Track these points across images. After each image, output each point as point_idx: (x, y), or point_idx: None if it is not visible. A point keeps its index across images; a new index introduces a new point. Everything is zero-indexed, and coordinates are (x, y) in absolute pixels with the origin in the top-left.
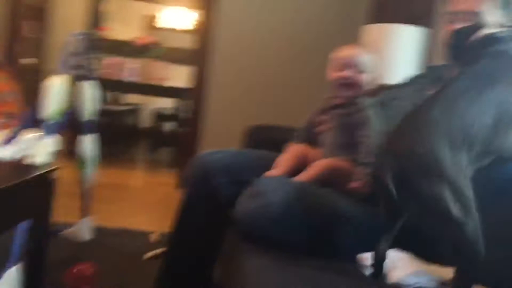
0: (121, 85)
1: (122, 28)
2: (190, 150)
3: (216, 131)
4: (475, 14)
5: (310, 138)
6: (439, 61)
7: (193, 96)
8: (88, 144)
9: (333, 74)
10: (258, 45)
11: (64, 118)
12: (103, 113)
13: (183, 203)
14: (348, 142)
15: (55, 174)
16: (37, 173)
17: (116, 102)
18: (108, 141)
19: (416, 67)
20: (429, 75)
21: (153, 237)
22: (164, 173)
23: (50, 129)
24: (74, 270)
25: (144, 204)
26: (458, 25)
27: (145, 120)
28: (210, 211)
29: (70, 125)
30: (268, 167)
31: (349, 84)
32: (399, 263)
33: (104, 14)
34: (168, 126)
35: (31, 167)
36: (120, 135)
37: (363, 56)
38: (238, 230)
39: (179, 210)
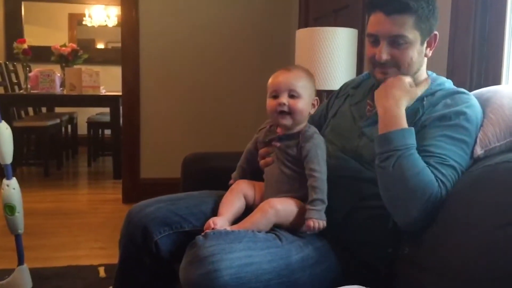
0: (52, 99)
1: (47, 31)
2: (131, 158)
3: (154, 136)
4: (395, 36)
5: (254, 171)
6: None
7: (126, 101)
8: (14, 188)
9: (269, 102)
10: (185, 43)
11: None
12: (37, 129)
13: (122, 266)
14: (295, 177)
15: None
16: None
17: (50, 112)
18: (46, 157)
19: (352, 70)
20: (362, 84)
21: (101, 272)
22: (108, 186)
23: None
24: None
25: (88, 229)
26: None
27: (82, 129)
28: (152, 269)
29: None
30: (210, 211)
31: (286, 112)
32: None
33: (25, 20)
34: (106, 133)
35: None
36: (58, 149)
37: (298, 79)
38: None
39: (117, 273)
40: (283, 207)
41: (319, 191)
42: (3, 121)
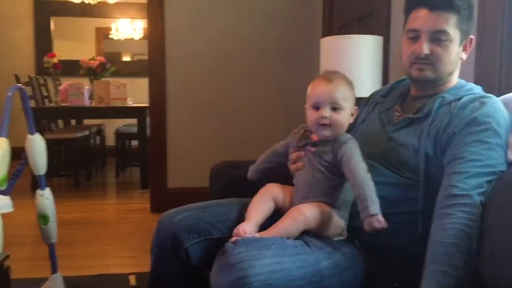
0: (81, 111)
1: (75, 45)
2: (158, 168)
3: (180, 146)
4: (438, 32)
5: (284, 174)
6: (397, 70)
7: (153, 112)
8: (48, 198)
9: (310, 113)
10: (210, 54)
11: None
12: (67, 141)
13: (154, 273)
14: (326, 183)
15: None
16: None
17: (79, 124)
18: (76, 168)
19: (378, 78)
20: (391, 92)
21: (132, 281)
22: (135, 196)
23: None
24: None
25: (118, 239)
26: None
27: (110, 140)
28: (183, 276)
29: None
30: (238, 218)
31: (327, 125)
32: None
33: (54, 35)
34: (133, 144)
35: None
36: (87, 160)
37: (340, 91)
38: None
39: (150, 280)
40: (312, 214)
41: (366, 188)
42: (37, 133)
